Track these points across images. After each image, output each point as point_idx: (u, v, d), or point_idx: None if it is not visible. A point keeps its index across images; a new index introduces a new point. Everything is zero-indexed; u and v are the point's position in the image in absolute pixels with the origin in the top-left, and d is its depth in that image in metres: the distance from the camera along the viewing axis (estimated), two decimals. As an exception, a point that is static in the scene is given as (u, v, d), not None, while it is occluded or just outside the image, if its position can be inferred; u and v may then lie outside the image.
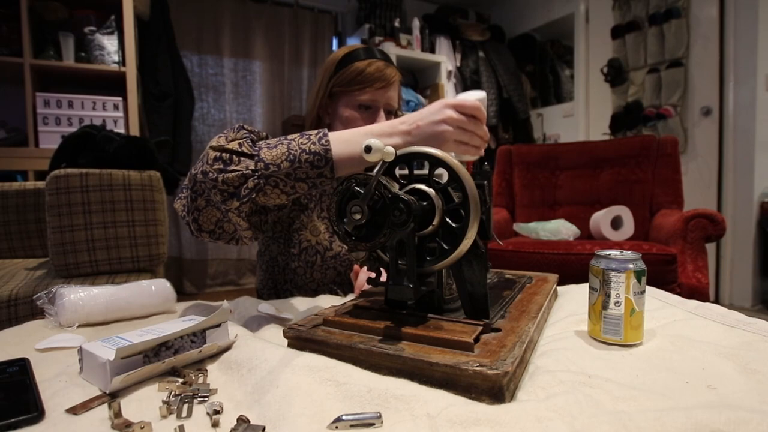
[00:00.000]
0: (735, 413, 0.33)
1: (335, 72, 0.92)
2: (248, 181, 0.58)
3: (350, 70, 0.90)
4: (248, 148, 0.59)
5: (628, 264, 0.49)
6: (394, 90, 0.94)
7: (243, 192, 0.58)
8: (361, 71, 0.90)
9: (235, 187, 0.58)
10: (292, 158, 0.59)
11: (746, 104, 2.44)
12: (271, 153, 0.59)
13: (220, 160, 0.58)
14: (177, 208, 0.65)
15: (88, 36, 2.03)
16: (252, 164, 0.58)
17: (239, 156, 0.58)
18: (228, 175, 0.57)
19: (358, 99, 0.90)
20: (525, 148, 2.43)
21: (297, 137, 0.61)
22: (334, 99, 0.94)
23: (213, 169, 0.57)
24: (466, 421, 0.34)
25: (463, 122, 0.62)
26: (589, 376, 0.41)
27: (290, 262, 0.92)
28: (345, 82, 0.91)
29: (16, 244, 1.46)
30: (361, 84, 0.90)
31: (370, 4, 3.23)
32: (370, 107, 0.92)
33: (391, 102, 0.93)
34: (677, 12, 2.62)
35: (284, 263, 0.92)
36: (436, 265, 0.49)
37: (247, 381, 0.42)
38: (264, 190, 0.59)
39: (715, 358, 0.45)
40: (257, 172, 0.58)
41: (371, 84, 0.89)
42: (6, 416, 0.35)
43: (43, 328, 0.62)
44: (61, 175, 1.05)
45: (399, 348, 0.43)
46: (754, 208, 2.44)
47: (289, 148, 0.59)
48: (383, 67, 0.91)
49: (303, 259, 0.91)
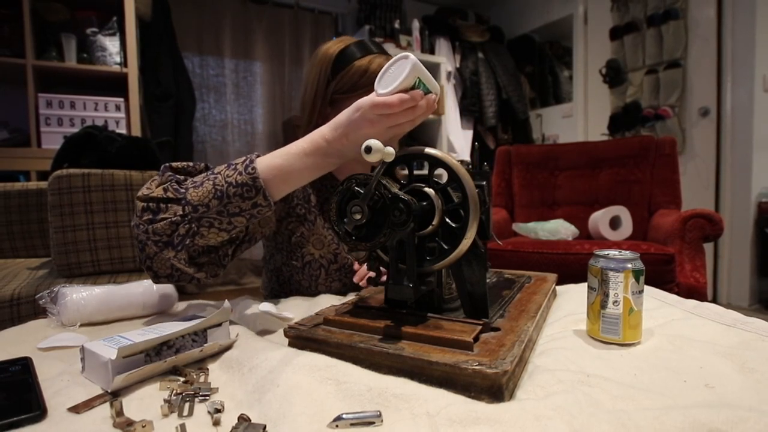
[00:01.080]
0: (733, 412, 0.33)
1: (333, 75, 0.84)
2: (179, 228, 0.56)
3: (351, 72, 0.82)
4: (173, 192, 0.57)
5: (626, 264, 0.50)
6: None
7: (176, 240, 0.56)
8: (364, 71, 0.81)
9: (167, 235, 0.56)
10: (219, 194, 0.56)
11: (744, 105, 2.45)
12: (198, 193, 0.56)
13: (148, 210, 0.56)
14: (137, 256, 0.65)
15: (89, 37, 2.04)
16: (180, 209, 0.56)
17: (166, 203, 0.56)
18: (157, 225, 0.55)
19: None
20: (524, 149, 2.43)
21: (223, 169, 0.58)
22: (335, 106, 0.85)
23: (143, 221, 0.56)
24: (465, 419, 0.34)
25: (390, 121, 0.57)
26: (588, 375, 0.42)
27: (294, 275, 0.88)
28: (347, 87, 0.82)
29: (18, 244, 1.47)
30: (366, 86, 0.81)
31: (370, 5, 3.24)
32: None
33: None
34: (675, 13, 2.63)
35: (288, 274, 0.89)
36: (435, 264, 0.49)
37: (248, 380, 0.42)
38: (199, 232, 0.57)
39: (713, 357, 0.45)
40: (186, 216, 0.56)
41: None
42: (8, 415, 0.35)
43: (45, 327, 0.63)
44: (64, 176, 1.06)
45: (399, 347, 0.43)
46: (751, 208, 2.45)
47: (215, 184, 0.56)
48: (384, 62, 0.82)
49: (306, 272, 0.87)
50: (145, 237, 0.57)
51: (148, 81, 2.36)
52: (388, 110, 0.55)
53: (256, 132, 3.19)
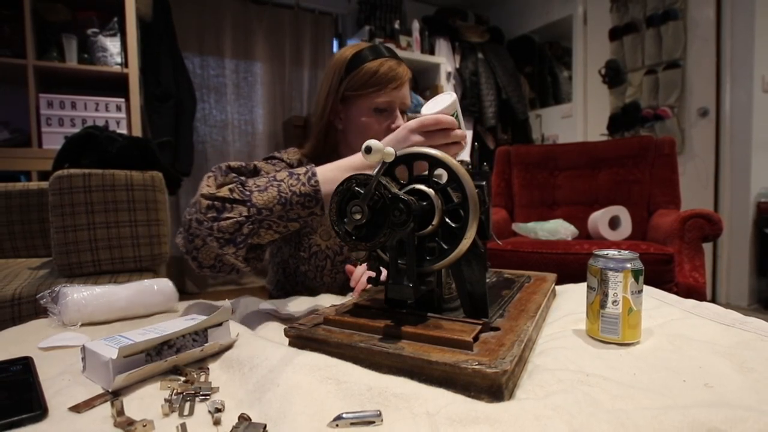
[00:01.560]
0: (732, 412, 0.33)
1: (345, 74, 0.88)
2: (243, 228, 0.59)
3: (362, 72, 0.87)
4: (239, 194, 0.60)
5: (625, 263, 0.50)
6: (407, 89, 0.91)
7: (239, 238, 0.60)
8: (374, 72, 0.86)
9: (230, 233, 0.59)
10: (283, 201, 0.60)
11: (743, 105, 2.46)
12: (263, 197, 0.60)
13: (213, 209, 0.59)
14: (178, 243, 0.67)
15: (90, 37, 2.04)
16: (245, 210, 0.59)
17: (231, 203, 0.59)
18: (222, 223, 0.59)
19: (374, 102, 0.87)
20: (524, 149, 2.43)
21: (286, 178, 0.62)
22: (346, 104, 0.91)
23: (207, 218, 0.59)
24: (465, 419, 0.34)
25: (431, 140, 0.63)
26: (588, 374, 0.42)
27: (300, 265, 0.91)
28: (358, 86, 0.87)
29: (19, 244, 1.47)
30: (375, 86, 0.86)
31: (370, 6, 3.25)
32: (385, 110, 0.89)
33: (405, 101, 0.90)
34: (674, 14, 2.63)
35: (295, 266, 0.92)
36: (435, 264, 0.49)
37: (249, 379, 0.42)
38: (258, 233, 0.61)
39: (712, 357, 0.46)
40: (251, 218, 0.59)
41: (386, 85, 0.86)
42: (9, 414, 0.35)
43: (46, 327, 0.63)
44: (64, 176, 1.06)
45: (399, 347, 0.43)
46: (750, 208, 2.45)
47: (279, 191, 0.60)
48: (395, 66, 0.88)
49: (313, 263, 0.90)
50: (207, 233, 0.60)
51: (149, 81, 2.37)
52: (430, 127, 0.63)
53: (256, 132, 3.19)
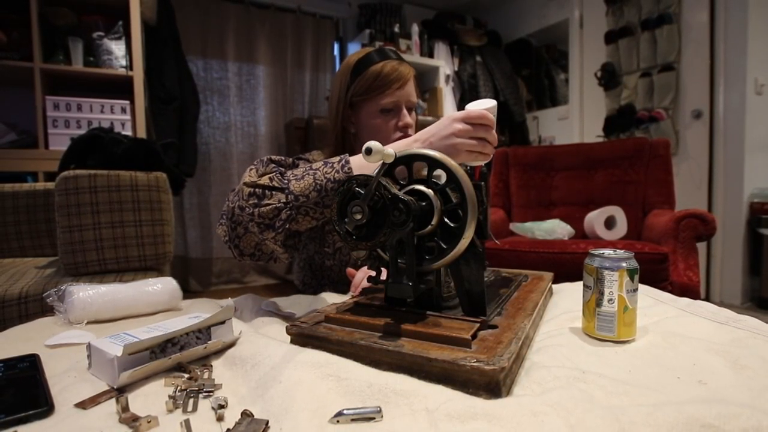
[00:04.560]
0: (725, 408, 0.34)
1: (351, 81, 0.91)
2: (281, 213, 0.63)
3: (366, 77, 0.89)
4: (278, 182, 0.64)
5: (621, 263, 0.50)
6: (412, 86, 0.92)
7: (278, 223, 0.63)
8: (377, 75, 0.89)
9: (270, 218, 0.63)
10: (319, 188, 0.63)
11: (736, 107, 2.48)
12: (300, 185, 0.63)
13: (254, 196, 0.63)
14: (219, 233, 0.70)
15: (96, 41, 2.06)
16: (283, 197, 0.63)
17: (271, 190, 0.63)
18: (263, 209, 0.63)
19: (380, 104, 0.90)
20: (521, 150, 2.44)
21: (321, 166, 0.65)
22: (355, 109, 0.93)
23: (249, 204, 0.63)
24: (463, 415, 0.35)
25: (471, 132, 0.64)
26: (584, 371, 0.42)
27: (325, 261, 0.95)
28: (363, 90, 0.90)
29: (26, 243, 1.48)
30: (379, 88, 0.89)
31: (371, 10, 3.27)
32: (392, 109, 0.91)
33: (411, 99, 0.92)
34: (669, 18, 2.65)
35: (320, 261, 0.96)
36: (434, 263, 0.50)
37: (251, 376, 0.43)
38: (296, 219, 0.64)
39: (705, 354, 0.46)
40: (289, 204, 0.63)
41: (389, 86, 0.89)
42: (17, 410, 0.36)
43: (52, 325, 0.63)
44: (70, 176, 1.07)
45: (399, 344, 0.44)
46: (743, 208, 2.47)
47: (315, 179, 0.63)
48: (397, 65, 0.90)
49: (337, 258, 0.94)
50: (248, 219, 0.63)
51: (154, 84, 2.38)
52: (474, 120, 0.65)
53: (258, 134, 3.22)
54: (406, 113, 0.92)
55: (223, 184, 3.09)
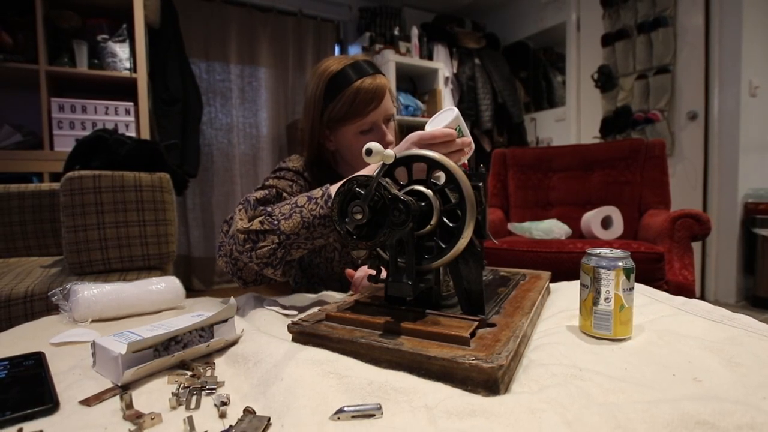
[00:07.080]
0: (720, 405, 0.34)
1: (326, 102, 0.87)
2: (276, 252, 0.68)
3: (343, 101, 0.85)
4: (269, 225, 0.68)
5: (617, 262, 0.51)
6: (388, 98, 0.89)
7: (275, 261, 0.69)
8: (353, 99, 0.85)
9: (267, 258, 0.68)
10: (307, 225, 0.68)
11: (731, 109, 2.49)
12: (289, 224, 0.68)
13: (249, 241, 0.68)
14: (221, 265, 0.78)
15: (100, 43, 2.07)
16: (276, 239, 0.68)
17: (264, 234, 0.68)
18: (260, 251, 0.68)
19: (359, 127, 0.87)
20: (519, 151, 2.45)
21: (306, 203, 0.69)
22: (333, 130, 0.90)
23: (245, 249, 0.68)
24: (462, 412, 0.35)
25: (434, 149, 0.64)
26: (581, 369, 0.42)
27: (313, 258, 0.96)
28: (341, 116, 0.86)
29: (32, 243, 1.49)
30: (355, 114, 0.86)
31: (371, 13, 3.29)
32: (371, 129, 0.88)
33: (388, 112, 0.89)
34: (665, 21, 2.67)
35: (309, 260, 0.98)
36: (434, 263, 0.50)
37: (253, 374, 0.43)
38: (290, 253, 0.70)
39: (701, 352, 0.46)
40: (281, 243, 0.68)
41: (367, 106, 0.85)
42: (22, 407, 0.36)
43: (57, 323, 0.64)
44: (75, 177, 1.08)
45: (398, 342, 0.44)
46: (738, 208, 2.49)
47: (302, 217, 0.68)
48: (372, 80, 0.86)
49: (323, 255, 0.95)
50: (248, 260, 0.70)
51: (157, 86, 2.40)
52: (432, 140, 0.68)
53: (260, 135, 3.23)
54: (386, 130, 0.89)
55: (226, 185, 3.10)
